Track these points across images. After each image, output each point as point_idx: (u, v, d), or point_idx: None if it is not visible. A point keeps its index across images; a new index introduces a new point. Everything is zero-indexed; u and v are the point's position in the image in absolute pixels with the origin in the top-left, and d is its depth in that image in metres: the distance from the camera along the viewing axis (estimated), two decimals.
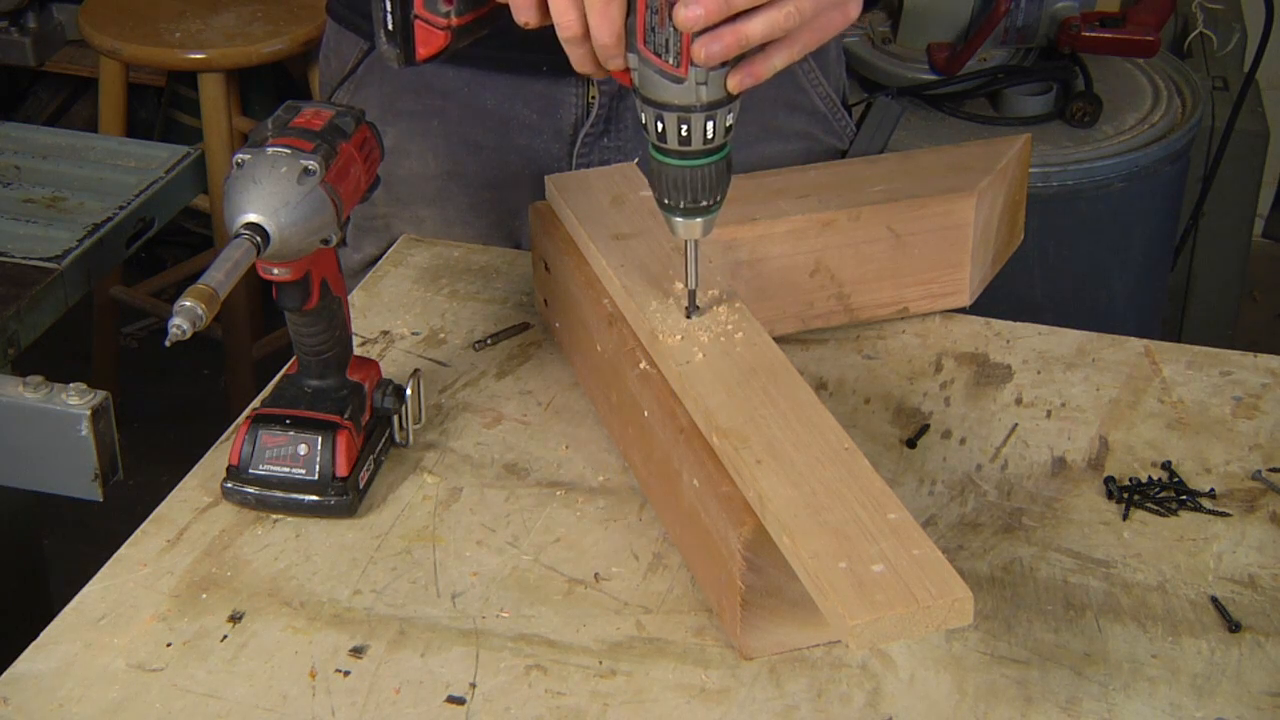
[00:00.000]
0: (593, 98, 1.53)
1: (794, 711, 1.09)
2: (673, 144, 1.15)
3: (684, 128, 1.14)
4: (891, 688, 1.10)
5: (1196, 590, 1.19)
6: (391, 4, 1.25)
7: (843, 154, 1.66)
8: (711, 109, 1.14)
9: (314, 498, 1.24)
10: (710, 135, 1.15)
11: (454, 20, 1.25)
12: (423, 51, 1.26)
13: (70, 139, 2.28)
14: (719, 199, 1.19)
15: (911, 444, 1.33)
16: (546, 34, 1.47)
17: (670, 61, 1.12)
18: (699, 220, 1.19)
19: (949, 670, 1.12)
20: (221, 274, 1.08)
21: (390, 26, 1.25)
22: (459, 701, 1.09)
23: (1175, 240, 2.73)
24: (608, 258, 1.33)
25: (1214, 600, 1.17)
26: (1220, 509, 1.26)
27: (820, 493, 1.07)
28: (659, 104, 1.14)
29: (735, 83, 1.12)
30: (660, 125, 1.14)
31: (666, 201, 1.19)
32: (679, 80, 1.12)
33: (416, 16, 1.25)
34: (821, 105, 1.62)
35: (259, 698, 1.10)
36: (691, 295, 1.24)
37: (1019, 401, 1.39)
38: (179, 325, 1.05)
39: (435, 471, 1.31)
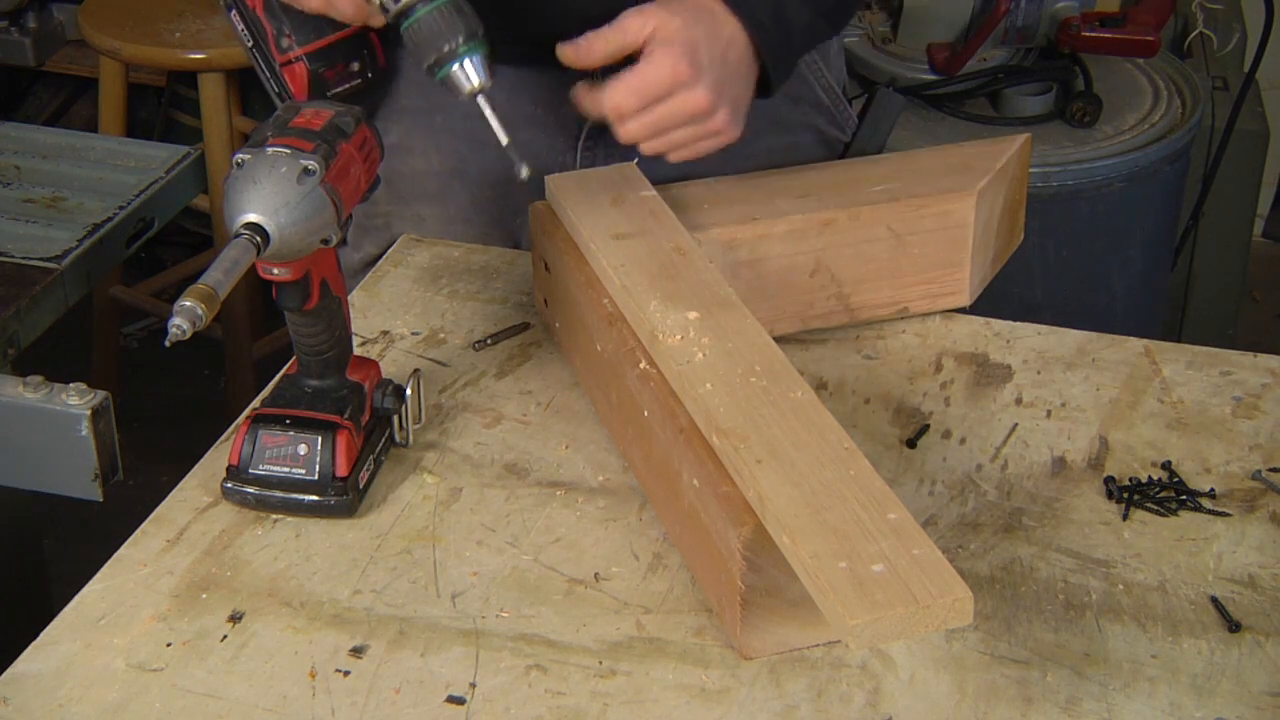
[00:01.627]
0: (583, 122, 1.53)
1: (794, 711, 1.09)
2: None
3: None
4: (891, 688, 1.10)
5: (1196, 590, 1.19)
6: (260, 62, 1.32)
7: (845, 146, 1.66)
8: None
9: (314, 498, 1.24)
10: None
11: (297, 50, 1.33)
12: (295, 88, 1.34)
13: (70, 139, 2.28)
14: (468, 39, 1.26)
15: (911, 444, 1.33)
16: (553, 31, 1.47)
17: None
18: (470, 61, 1.26)
19: (949, 670, 1.12)
20: (221, 274, 1.08)
21: (268, 77, 1.33)
22: (459, 701, 1.09)
23: (1175, 240, 2.73)
24: (608, 258, 1.33)
25: (1214, 600, 1.17)
26: (1220, 509, 1.26)
27: (820, 493, 1.07)
28: None
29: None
30: None
31: (436, 60, 1.25)
32: None
33: (277, 62, 1.33)
34: (824, 97, 1.62)
35: (259, 698, 1.10)
36: (511, 150, 1.29)
37: (1019, 401, 1.39)
38: (179, 325, 1.05)
39: (435, 471, 1.31)
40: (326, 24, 1.37)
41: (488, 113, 1.27)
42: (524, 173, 1.29)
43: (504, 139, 1.28)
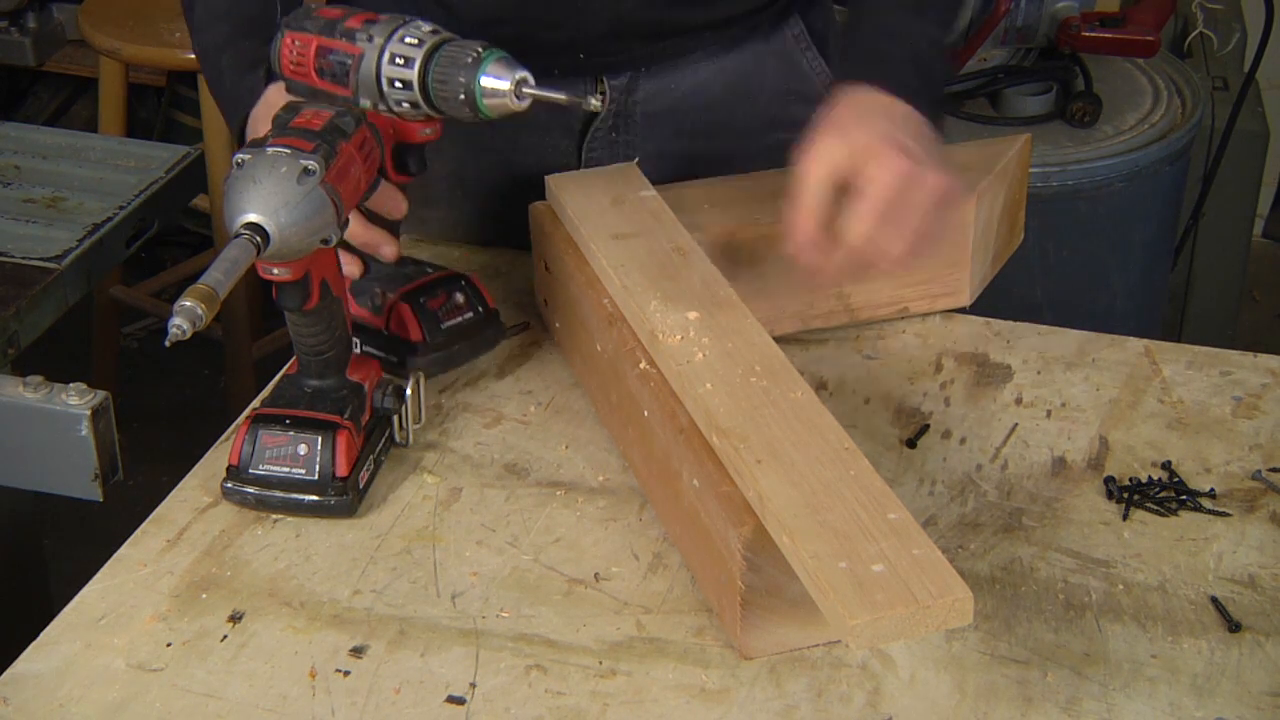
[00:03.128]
0: (602, 93, 1.53)
1: (794, 711, 1.09)
2: None
3: None
4: (891, 688, 1.10)
5: (1196, 590, 1.19)
6: (368, 343, 1.37)
7: None
8: None
9: (314, 498, 1.24)
10: None
11: (392, 297, 1.37)
12: (409, 332, 1.38)
13: (70, 139, 2.28)
14: (485, 48, 1.23)
15: (911, 444, 1.33)
16: (560, 40, 1.47)
17: None
18: (489, 75, 1.22)
19: (949, 670, 1.12)
20: (221, 274, 1.08)
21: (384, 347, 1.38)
22: (459, 701, 1.09)
23: (1175, 240, 2.73)
24: (608, 258, 1.33)
25: (1214, 600, 1.17)
26: (1220, 509, 1.26)
27: (820, 493, 1.07)
28: None
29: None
30: None
31: (466, 90, 1.21)
32: None
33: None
34: (825, 92, 1.62)
35: (259, 698, 1.10)
36: (573, 102, 1.24)
37: (1019, 401, 1.39)
38: (179, 325, 1.05)
39: (435, 471, 1.31)
40: (416, 274, 1.39)
41: (541, 92, 1.23)
42: (594, 104, 1.25)
43: (563, 99, 1.24)
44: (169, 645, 1.14)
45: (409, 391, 1.31)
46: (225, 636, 1.15)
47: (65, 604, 1.17)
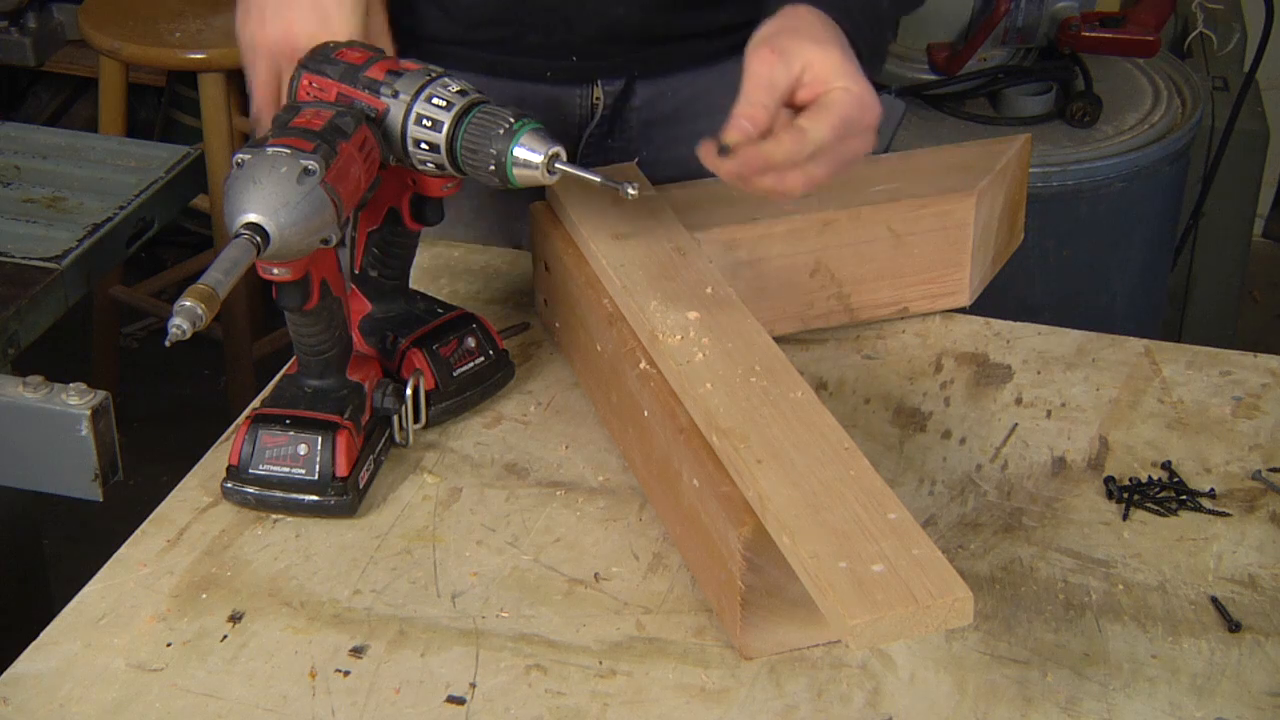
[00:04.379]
0: (597, 99, 1.53)
1: (794, 711, 1.09)
2: None
3: None
4: (891, 688, 1.10)
5: (1196, 590, 1.19)
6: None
7: None
8: None
9: (314, 498, 1.24)
10: None
11: (404, 343, 1.35)
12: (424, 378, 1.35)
13: (70, 139, 2.28)
14: (517, 119, 1.21)
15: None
16: (552, 42, 1.47)
17: None
18: (522, 147, 1.19)
19: (949, 670, 1.12)
20: (221, 274, 1.08)
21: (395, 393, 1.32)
22: (459, 701, 1.09)
23: (1175, 240, 2.73)
24: (608, 258, 1.33)
25: (1214, 600, 1.17)
26: (1220, 509, 1.26)
27: (820, 493, 1.07)
28: None
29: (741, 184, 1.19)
30: None
31: (498, 161, 1.19)
32: None
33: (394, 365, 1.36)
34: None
35: (259, 698, 1.10)
36: (608, 184, 1.21)
37: (1019, 401, 1.39)
38: (179, 325, 1.05)
39: (435, 471, 1.31)
40: (428, 315, 1.38)
41: (573, 170, 1.21)
42: (630, 192, 1.22)
43: (596, 181, 1.21)
44: (169, 645, 1.14)
45: (409, 392, 1.31)
46: (225, 636, 1.15)
47: (65, 604, 1.17)
